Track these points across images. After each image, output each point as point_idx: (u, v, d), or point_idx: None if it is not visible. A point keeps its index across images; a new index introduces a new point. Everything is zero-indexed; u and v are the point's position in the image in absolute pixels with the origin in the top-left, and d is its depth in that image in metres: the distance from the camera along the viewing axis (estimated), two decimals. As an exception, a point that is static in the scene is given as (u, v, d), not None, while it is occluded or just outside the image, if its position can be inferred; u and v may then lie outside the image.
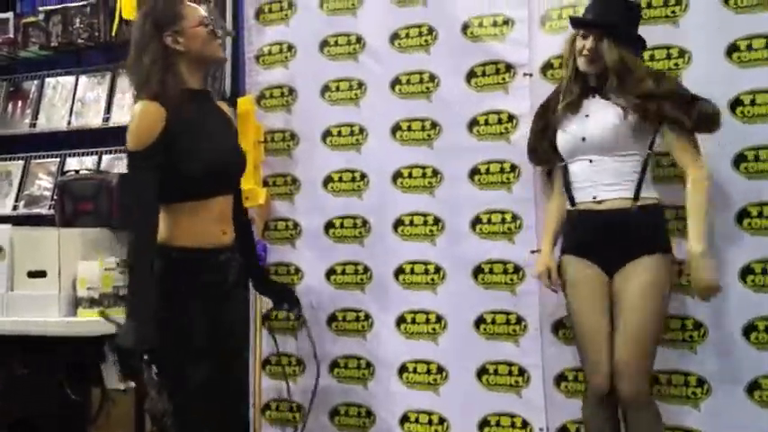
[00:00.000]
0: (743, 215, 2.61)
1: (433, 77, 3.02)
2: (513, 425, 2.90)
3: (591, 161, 2.47)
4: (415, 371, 3.03)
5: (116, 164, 3.44)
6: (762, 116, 2.58)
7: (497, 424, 2.92)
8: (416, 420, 3.02)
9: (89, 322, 2.60)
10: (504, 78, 2.91)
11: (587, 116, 2.49)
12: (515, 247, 2.89)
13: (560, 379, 2.84)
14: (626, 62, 2.40)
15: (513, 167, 2.90)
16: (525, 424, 2.88)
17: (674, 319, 2.65)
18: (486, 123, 2.94)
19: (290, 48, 3.24)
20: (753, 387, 2.57)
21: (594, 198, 2.45)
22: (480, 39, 2.93)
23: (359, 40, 3.13)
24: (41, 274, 2.69)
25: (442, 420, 2.99)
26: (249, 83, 3.29)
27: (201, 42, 2.19)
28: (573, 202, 2.53)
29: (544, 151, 2.64)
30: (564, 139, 2.53)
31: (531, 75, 2.87)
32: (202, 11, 2.27)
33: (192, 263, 2.17)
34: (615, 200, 2.42)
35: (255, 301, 3.13)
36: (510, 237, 2.90)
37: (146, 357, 2.01)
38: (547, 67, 2.85)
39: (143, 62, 2.13)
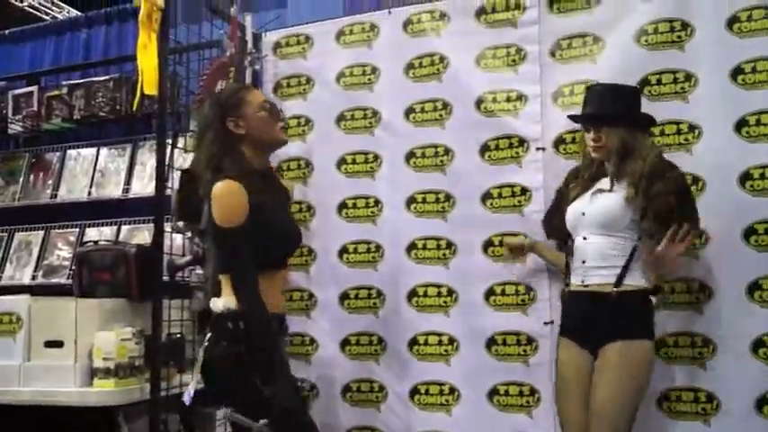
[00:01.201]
0: (749, 232, 2.65)
1: (447, 150, 3.09)
2: (528, 500, 2.86)
3: (585, 238, 2.52)
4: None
5: (134, 234, 3.49)
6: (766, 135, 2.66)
7: (513, 501, 2.88)
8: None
9: (104, 393, 2.60)
10: (517, 152, 2.98)
11: (594, 194, 2.56)
12: (528, 318, 2.91)
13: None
14: (626, 145, 2.48)
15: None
16: (539, 499, 2.85)
17: (682, 336, 2.70)
18: (500, 196, 3.00)
19: (308, 121, 3.33)
20: (761, 402, 2.59)
21: (582, 282, 2.51)
22: (494, 113, 3.02)
23: (375, 114, 3.22)
24: (58, 344, 2.70)
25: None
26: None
27: (261, 126, 2.28)
28: (567, 284, 2.59)
29: (555, 226, 2.72)
30: (569, 213, 2.60)
31: (543, 149, 2.94)
32: (263, 96, 2.39)
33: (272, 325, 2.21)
34: (599, 284, 2.47)
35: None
36: (524, 309, 2.92)
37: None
38: (559, 142, 2.92)
39: (205, 143, 2.25)
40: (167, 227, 2.78)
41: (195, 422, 3.06)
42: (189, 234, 2.81)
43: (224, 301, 2.16)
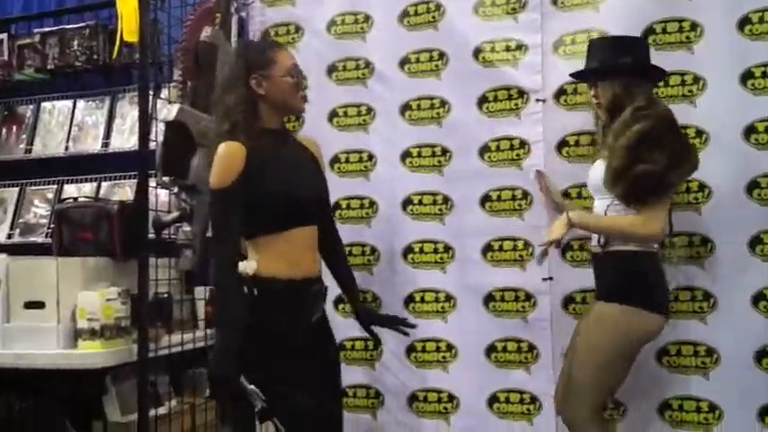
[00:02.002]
0: (756, 242, 2.60)
1: (443, 103, 2.98)
2: (528, 459, 2.84)
3: (594, 201, 2.53)
4: (425, 399, 2.96)
5: (115, 191, 3.36)
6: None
7: (511, 456, 2.86)
8: (427, 452, 2.95)
9: (90, 354, 2.49)
10: (516, 104, 2.87)
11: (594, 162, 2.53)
12: (527, 274, 2.85)
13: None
14: (616, 100, 2.41)
15: (525, 194, 2.86)
16: (542, 459, 2.82)
17: (685, 345, 2.66)
18: (498, 149, 2.90)
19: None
20: (761, 355, 2.59)
21: (590, 239, 2.54)
22: (492, 64, 2.90)
23: (367, 64, 3.09)
24: (39, 305, 2.57)
25: (451, 457, 2.92)
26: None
27: (284, 92, 2.22)
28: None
29: None
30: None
31: (543, 101, 2.84)
32: (293, 60, 2.28)
33: (279, 293, 2.17)
34: (594, 245, 2.48)
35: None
36: (522, 264, 2.86)
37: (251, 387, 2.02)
38: (560, 93, 2.82)
39: (226, 103, 2.19)
40: (152, 182, 2.67)
41: (185, 382, 3.00)
42: (175, 189, 2.68)
43: (243, 265, 2.17)
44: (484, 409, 2.88)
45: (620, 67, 2.44)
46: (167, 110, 2.61)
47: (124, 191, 3.35)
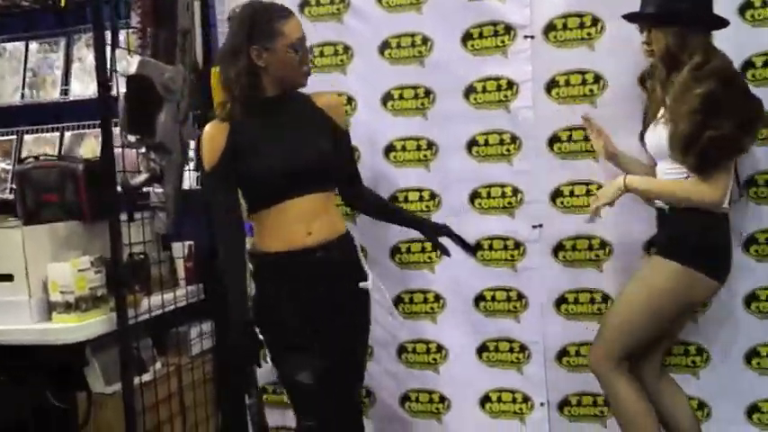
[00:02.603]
0: (750, 242, 2.56)
1: (425, 40, 2.78)
2: (514, 400, 2.85)
3: (654, 165, 2.41)
4: (414, 350, 2.93)
5: (80, 141, 3.16)
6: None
7: (498, 400, 2.87)
8: (417, 399, 2.95)
9: (66, 329, 2.39)
10: (503, 41, 2.69)
11: (654, 125, 2.36)
12: (516, 221, 2.76)
13: (562, 354, 2.78)
14: (670, 52, 2.24)
15: (514, 138, 2.73)
16: (526, 399, 2.83)
17: (676, 345, 2.65)
18: (485, 91, 2.74)
19: (267, 7, 2.96)
20: (752, 410, 2.61)
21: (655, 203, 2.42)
22: (476, -3, 2.70)
23: (342, -1, 2.87)
24: (8, 277, 2.45)
25: (442, 399, 2.92)
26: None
27: (286, 67, 2.15)
28: None
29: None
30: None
31: (532, 37, 2.66)
32: (301, 30, 2.18)
33: (277, 266, 2.21)
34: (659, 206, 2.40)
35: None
36: (510, 212, 2.76)
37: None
38: (550, 29, 2.64)
39: (227, 73, 2.15)
40: (116, 139, 2.49)
41: (169, 342, 2.94)
42: (143, 149, 2.51)
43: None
44: (473, 359, 2.86)
45: (676, 16, 2.24)
46: (127, 62, 2.40)
47: (90, 142, 3.15)
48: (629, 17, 2.36)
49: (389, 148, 2.87)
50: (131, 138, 2.46)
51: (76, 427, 2.57)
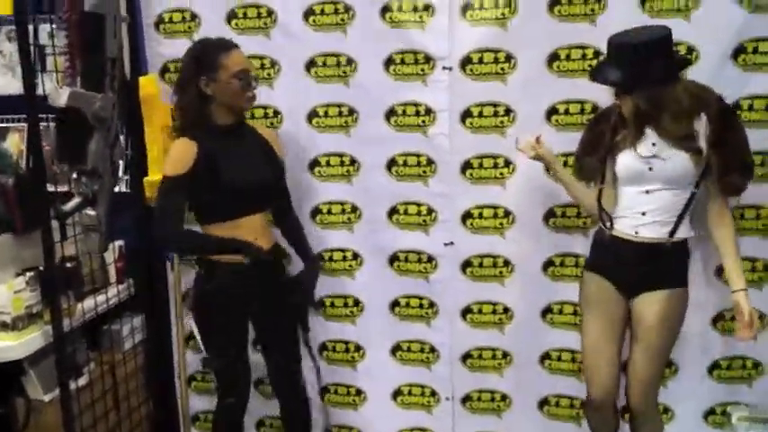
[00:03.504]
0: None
1: (350, 61, 2.89)
2: (423, 394, 3.15)
3: (647, 192, 2.42)
4: (334, 349, 3.18)
5: (4, 135, 3.16)
6: (760, 122, 2.67)
7: (410, 393, 3.16)
8: (335, 392, 3.22)
9: (4, 348, 2.55)
10: (423, 69, 2.83)
11: (654, 145, 2.38)
12: (429, 238, 2.98)
13: (466, 357, 3.07)
14: (645, 113, 2.34)
15: (430, 161, 2.91)
16: (434, 393, 3.14)
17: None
18: (404, 114, 2.90)
19: (194, 17, 2.99)
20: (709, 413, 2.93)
21: (636, 233, 2.45)
22: (400, 25, 2.81)
23: (270, 13, 2.92)
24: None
25: (359, 392, 3.20)
26: (150, 54, 3.04)
27: (230, 95, 2.49)
28: (611, 227, 2.52)
29: (590, 165, 2.58)
30: (626, 167, 2.44)
31: (450, 68, 2.81)
32: (243, 61, 2.53)
33: (222, 275, 2.56)
34: (654, 237, 2.43)
35: (175, 281, 3.12)
36: (425, 229, 2.98)
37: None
38: (467, 62, 2.79)
39: (180, 101, 2.52)
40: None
41: (102, 339, 3.10)
42: (75, 176, 2.59)
43: None
44: (387, 356, 3.14)
45: (643, 80, 2.29)
46: (57, 95, 2.45)
47: (14, 137, 3.17)
48: (599, 81, 2.38)
49: (315, 163, 3.01)
50: (64, 167, 2.54)
51: (16, 431, 2.73)
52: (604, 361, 2.56)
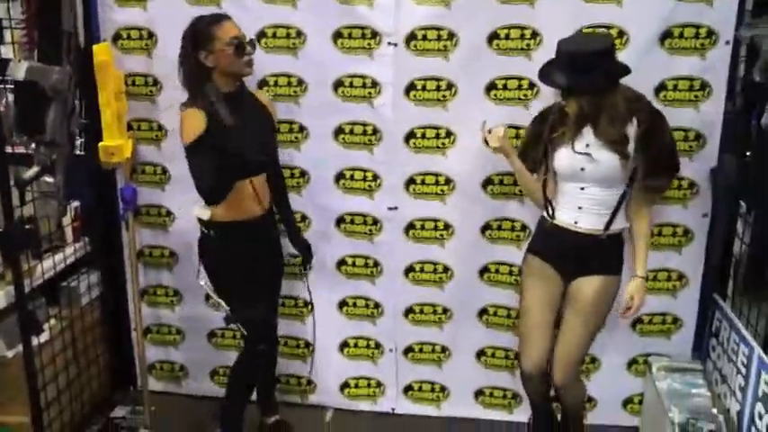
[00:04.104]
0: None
1: (299, 33, 3.01)
2: (368, 346, 3.40)
3: (582, 189, 2.62)
4: (283, 305, 3.37)
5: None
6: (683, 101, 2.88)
7: (355, 345, 3.41)
8: (285, 344, 3.43)
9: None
10: (369, 44, 2.97)
11: (588, 146, 2.57)
12: (374, 202, 3.18)
13: (408, 312, 3.32)
14: (588, 115, 2.52)
15: (375, 130, 3.08)
16: (378, 345, 3.39)
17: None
18: (351, 86, 3.04)
19: (151, -9, 3.05)
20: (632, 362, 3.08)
21: (575, 223, 2.66)
22: (348, 1, 2.92)
23: (221, -15, 3.00)
24: None
25: (307, 344, 3.43)
26: (103, 20, 3.08)
27: (228, 62, 2.65)
28: (552, 216, 2.73)
29: (534, 157, 2.78)
30: (561, 164, 2.65)
31: (395, 44, 2.95)
32: (235, 30, 2.69)
33: (229, 233, 2.77)
34: (590, 228, 2.65)
35: (131, 238, 3.25)
36: (370, 194, 3.17)
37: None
38: (411, 38, 2.94)
39: (184, 75, 2.69)
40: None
41: (61, 296, 3.23)
42: (33, 146, 2.68)
43: (199, 210, 2.77)
44: (335, 312, 3.36)
45: (588, 85, 2.48)
46: (15, 69, 2.52)
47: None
48: (546, 82, 2.58)
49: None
50: (23, 137, 2.62)
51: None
52: (538, 338, 2.79)
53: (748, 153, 2.89)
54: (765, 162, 2.76)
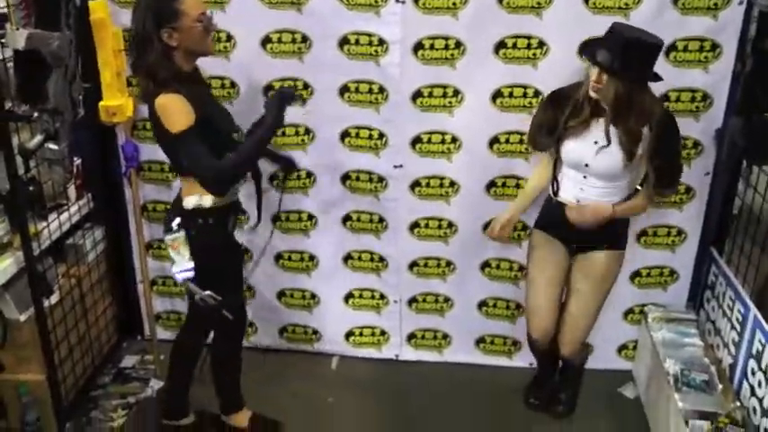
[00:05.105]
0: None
1: (302, -9, 2.92)
2: (373, 297, 3.48)
3: (585, 177, 2.70)
4: (290, 258, 3.42)
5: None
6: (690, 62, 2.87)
7: (360, 296, 3.49)
8: (291, 296, 3.49)
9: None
10: (376, 2, 2.89)
11: (595, 143, 2.62)
12: (380, 160, 3.17)
13: (413, 265, 3.38)
14: (621, 102, 2.51)
15: (382, 89, 3.04)
16: (383, 296, 3.47)
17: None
18: (357, 43, 2.97)
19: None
20: (628, 312, 3.22)
21: (578, 202, 2.73)
22: (354, -43, 2.83)
23: (220, -63, 2.88)
24: None
25: (313, 296, 3.49)
26: (97, -29, 2.97)
27: (195, 40, 2.42)
28: (556, 194, 2.80)
29: (544, 143, 2.82)
30: (568, 155, 2.70)
31: (403, 2, 2.87)
32: (200, 3, 2.44)
33: (221, 217, 2.62)
34: None
35: (134, 193, 3.24)
36: (376, 152, 3.16)
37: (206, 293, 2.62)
38: (420, -5, 2.87)
39: (147, 61, 2.38)
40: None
41: (67, 252, 3.22)
42: (36, 114, 2.61)
43: (195, 200, 2.54)
44: (340, 265, 3.42)
45: (642, 75, 2.51)
46: (14, 38, 2.43)
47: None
48: (590, 58, 2.54)
49: (269, 88, 3.08)
50: (25, 107, 2.56)
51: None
52: (545, 306, 2.91)
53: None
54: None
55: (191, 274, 2.57)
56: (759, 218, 2.93)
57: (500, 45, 2.91)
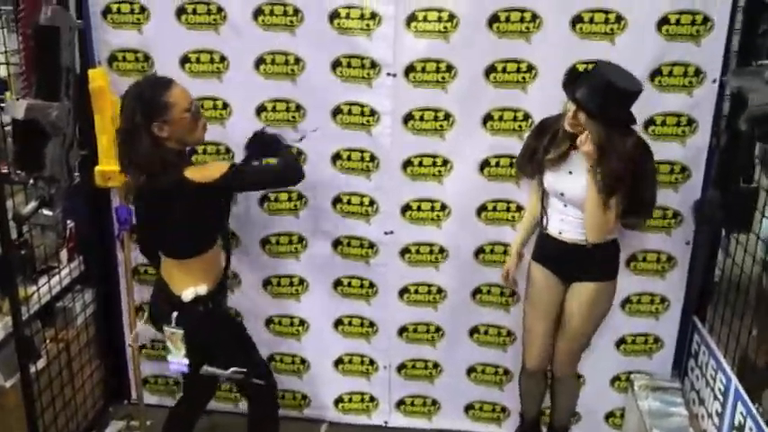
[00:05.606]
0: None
1: (298, 60, 3.01)
2: (362, 363, 3.48)
3: (564, 205, 2.80)
4: (280, 323, 3.43)
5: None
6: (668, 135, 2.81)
7: (350, 362, 3.49)
8: (281, 360, 3.50)
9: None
10: (368, 74, 2.99)
11: (570, 173, 2.74)
12: (371, 227, 3.23)
13: (402, 330, 3.40)
14: (602, 145, 2.58)
15: (373, 157, 3.12)
16: (372, 362, 3.47)
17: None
18: (350, 113, 3.06)
19: (143, 10, 3.00)
20: (615, 379, 3.26)
21: (560, 233, 2.84)
22: (347, 31, 2.93)
23: (219, 10, 2.98)
24: None
25: (303, 361, 3.49)
26: (97, 40, 3.05)
27: (185, 130, 2.47)
28: (544, 226, 2.91)
29: (528, 170, 2.94)
30: (549, 181, 2.81)
31: (394, 75, 2.97)
32: (185, 93, 2.48)
33: (219, 302, 2.72)
34: (574, 239, 2.81)
35: (126, 256, 3.25)
36: (367, 218, 3.22)
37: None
38: (410, 70, 2.96)
39: (139, 156, 2.41)
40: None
41: (56, 315, 3.20)
42: (32, 181, 2.66)
43: (193, 290, 2.57)
44: (331, 330, 3.43)
45: (620, 119, 2.59)
46: (14, 108, 2.49)
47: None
48: (575, 101, 2.58)
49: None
50: (21, 172, 2.60)
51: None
52: (540, 337, 3.00)
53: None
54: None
55: (184, 369, 2.64)
56: (738, 287, 3.00)
57: (487, 117, 3.01)
